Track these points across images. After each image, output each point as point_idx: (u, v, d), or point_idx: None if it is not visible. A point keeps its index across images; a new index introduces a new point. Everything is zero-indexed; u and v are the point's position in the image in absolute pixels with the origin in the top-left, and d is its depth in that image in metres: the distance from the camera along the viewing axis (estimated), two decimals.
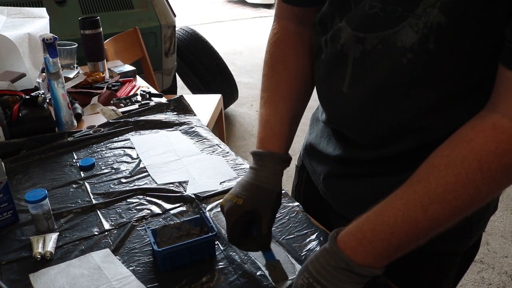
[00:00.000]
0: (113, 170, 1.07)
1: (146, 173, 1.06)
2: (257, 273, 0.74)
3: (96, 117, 1.38)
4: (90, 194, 0.98)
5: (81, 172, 1.07)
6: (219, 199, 0.95)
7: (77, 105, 1.40)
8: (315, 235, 0.83)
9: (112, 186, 1.01)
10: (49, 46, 1.17)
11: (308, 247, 0.81)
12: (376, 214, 0.57)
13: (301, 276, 0.60)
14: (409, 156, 0.67)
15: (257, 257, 0.78)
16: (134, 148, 1.18)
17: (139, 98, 1.52)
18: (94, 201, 0.95)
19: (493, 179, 0.51)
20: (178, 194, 0.97)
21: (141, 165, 1.09)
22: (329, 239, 0.60)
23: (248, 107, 3.71)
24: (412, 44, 0.56)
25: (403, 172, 0.61)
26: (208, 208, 0.93)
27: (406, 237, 0.55)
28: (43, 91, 1.33)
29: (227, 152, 1.15)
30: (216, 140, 1.22)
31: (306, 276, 0.59)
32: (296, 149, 1.08)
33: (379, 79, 0.62)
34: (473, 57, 0.55)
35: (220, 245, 0.81)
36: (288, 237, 0.83)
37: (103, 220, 0.89)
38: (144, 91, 1.56)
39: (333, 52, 0.67)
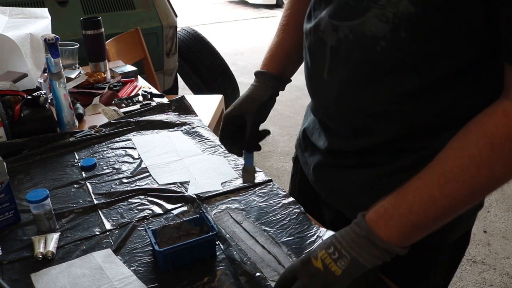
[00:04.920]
0: (115, 170, 1.08)
1: (147, 173, 1.06)
2: (257, 274, 0.74)
3: (97, 117, 1.38)
4: (92, 194, 0.98)
5: (83, 172, 1.07)
6: (220, 200, 0.96)
7: (78, 105, 1.40)
8: (315, 236, 0.84)
9: (113, 186, 1.01)
10: (51, 47, 1.17)
11: (309, 248, 0.81)
12: (398, 192, 0.60)
13: (328, 239, 0.62)
14: (391, 148, 0.70)
15: (260, 263, 0.78)
16: (135, 148, 1.19)
17: (140, 98, 1.52)
18: (95, 201, 0.95)
19: (506, 160, 0.54)
20: (179, 195, 0.97)
21: (143, 165, 1.10)
22: (358, 215, 0.62)
23: None
24: (384, 33, 0.59)
25: (387, 164, 0.64)
26: (209, 208, 0.93)
27: (425, 214, 0.57)
28: (45, 91, 1.33)
29: (228, 153, 1.15)
30: (217, 140, 1.22)
31: (333, 239, 0.61)
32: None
33: (354, 67, 0.65)
34: (447, 44, 0.57)
35: (221, 245, 0.81)
36: (288, 238, 0.83)
37: (105, 220, 0.89)
38: (145, 91, 1.56)
39: (315, 39, 0.70)
